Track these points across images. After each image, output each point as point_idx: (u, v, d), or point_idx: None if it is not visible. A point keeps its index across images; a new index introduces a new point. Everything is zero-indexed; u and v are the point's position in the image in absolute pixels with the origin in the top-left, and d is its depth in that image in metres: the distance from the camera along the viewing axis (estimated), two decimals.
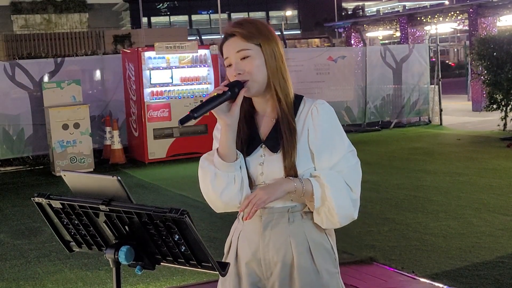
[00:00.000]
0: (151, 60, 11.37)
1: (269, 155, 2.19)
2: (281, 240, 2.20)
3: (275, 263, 2.21)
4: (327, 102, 2.26)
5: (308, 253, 2.19)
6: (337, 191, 2.13)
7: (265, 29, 2.21)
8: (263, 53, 2.17)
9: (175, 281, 5.10)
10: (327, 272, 2.22)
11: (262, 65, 2.17)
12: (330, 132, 2.20)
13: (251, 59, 2.16)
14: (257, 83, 2.17)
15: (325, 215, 2.15)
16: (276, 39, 2.22)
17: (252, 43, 2.16)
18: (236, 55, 2.17)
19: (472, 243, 5.76)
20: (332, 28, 30.27)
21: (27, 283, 5.30)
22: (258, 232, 2.23)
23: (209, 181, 2.18)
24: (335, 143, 2.21)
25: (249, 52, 2.16)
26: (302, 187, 2.12)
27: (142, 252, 1.95)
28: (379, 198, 7.75)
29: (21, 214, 7.83)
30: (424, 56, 15.67)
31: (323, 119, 2.20)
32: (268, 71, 2.17)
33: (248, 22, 2.20)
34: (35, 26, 27.65)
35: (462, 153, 11.11)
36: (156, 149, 11.35)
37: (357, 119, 15.09)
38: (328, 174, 2.14)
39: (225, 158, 2.15)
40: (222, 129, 2.15)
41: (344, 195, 2.15)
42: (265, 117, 2.26)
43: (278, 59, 2.19)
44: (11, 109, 11.42)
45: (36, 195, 2.03)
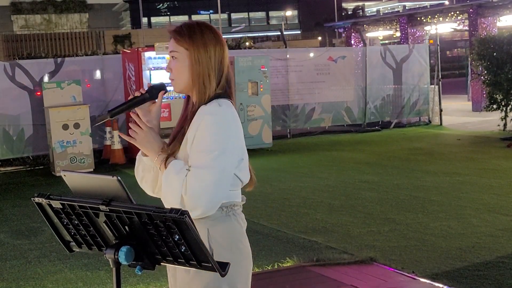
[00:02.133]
0: (151, 60, 11.38)
1: None
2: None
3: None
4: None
5: None
6: (167, 181, 2.23)
7: (197, 34, 2.31)
8: (188, 57, 2.30)
9: None
10: (199, 273, 2.17)
11: (185, 67, 2.31)
12: (201, 131, 2.23)
13: (177, 61, 2.32)
14: (179, 83, 2.34)
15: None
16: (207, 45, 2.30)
17: (181, 46, 2.31)
18: (169, 54, 2.37)
19: (472, 243, 5.75)
20: (332, 28, 30.26)
21: (27, 283, 5.30)
22: None
23: (135, 169, 2.53)
24: (200, 142, 2.22)
25: (176, 54, 2.32)
26: (159, 163, 2.31)
27: (142, 252, 1.96)
28: (379, 198, 7.75)
29: (21, 214, 7.83)
30: (424, 56, 15.68)
31: (195, 124, 2.25)
32: (191, 75, 2.31)
33: (184, 26, 2.34)
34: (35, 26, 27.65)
35: (462, 153, 11.11)
36: None
37: (357, 119, 15.10)
38: (175, 164, 2.24)
39: (143, 153, 2.43)
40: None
41: (173, 188, 2.20)
42: None
43: (203, 65, 2.30)
44: (11, 109, 11.42)
45: (36, 195, 2.03)
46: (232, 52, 13.22)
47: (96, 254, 2.12)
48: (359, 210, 7.24)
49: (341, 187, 8.40)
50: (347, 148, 12.39)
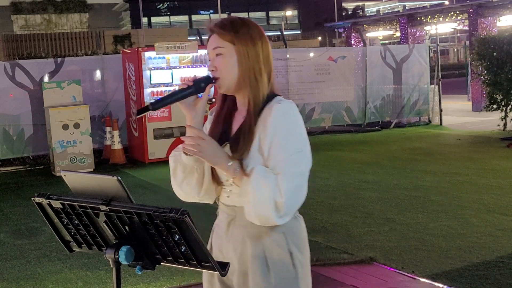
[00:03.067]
0: (151, 60, 11.37)
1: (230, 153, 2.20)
2: (239, 239, 2.22)
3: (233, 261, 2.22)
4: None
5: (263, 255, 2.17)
6: (259, 188, 2.05)
7: (243, 28, 2.21)
8: (236, 52, 2.18)
9: (175, 281, 5.09)
10: (280, 278, 2.17)
11: (233, 63, 2.18)
12: (279, 132, 2.13)
13: (223, 57, 2.19)
14: (226, 81, 2.19)
15: (246, 209, 2.11)
16: (254, 39, 2.21)
17: (226, 41, 2.18)
18: (212, 51, 2.22)
19: (472, 243, 5.75)
20: (332, 28, 30.26)
21: (27, 283, 5.30)
22: (224, 229, 2.29)
23: (172, 170, 2.28)
24: (281, 143, 2.12)
25: (221, 50, 2.19)
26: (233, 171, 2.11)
27: (142, 252, 1.95)
28: (379, 198, 7.75)
29: (21, 214, 7.83)
30: (424, 56, 15.68)
31: (274, 122, 2.13)
32: (240, 71, 2.19)
33: (227, 21, 2.23)
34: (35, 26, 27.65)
35: (462, 153, 11.11)
36: (156, 149, 11.35)
37: (357, 119, 15.10)
38: (260, 170, 2.07)
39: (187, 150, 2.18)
40: (187, 122, 2.21)
41: (266, 195, 2.05)
42: (240, 115, 2.27)
43: (252, 59, 2.19)
44: (11, 109, 11.43)
45: (36, 195, 2.03)
46: None
47: (96, 254, 2.13)
48: (359, 210, 7.24)
49: (341, 187, 8.39)
50: (347, 148, 12.39)
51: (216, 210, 2.44)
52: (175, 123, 11.36)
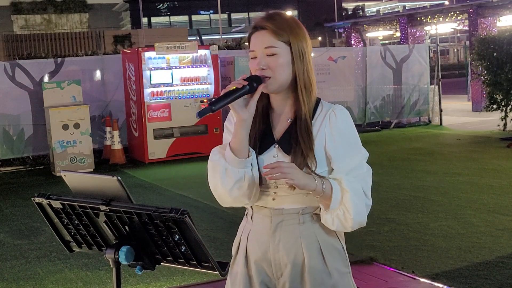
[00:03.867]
0: (151, 60, 11.37)
1: (283, 156, 2.14)
2: (292, 241, 2.17)
3: (285, 264, 2.18)
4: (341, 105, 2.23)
5: (319, 253, 2.17)
6: (356, 197, 2.09)
7: (296, 27, 2.15)
8: (291, 52, 2.12)
9: (175, 281, 5.10)
10: (338, 272, 2.20)
11: (287, 64, 2.12)
12: (348, 137, 2.17)
13: (277, 57, 2.11)
14: (278, 81, 2.12)
15: (337, 218, 2.11)
16: (306, 39, 2.18)
17: (281, 40, 2.11)
18: (263, 50, 2.12)
19: (472, 243, 5.76)
20: (332, 29, 30.27)
21: (27, 283, 5.30)
22: (268, 232, 2.20)
23: (219, 176, 2.13)
24: (353, 149, 2.17)
25: (276, 49, 2.10)
26: (322, 188, 2.07)
27: (142, 252, 1.96)
28: (379, 198, 7.75)
29: (21, 214, 7.83)
30: (424, 56, 15.68)
31: (341, 124, 2.16)
32: (294, 71, 2.13)
33: (280, 17, 2.15)
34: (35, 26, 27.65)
35: (462, 153, 11.12)
36: (156, 149, 11.36)
37: (357, 119, 15.09)
38: (348, 179, 2.10)
39: (237, 154, 2.10)
40: (237, 124, 2.11)
41: (361, 202, 2.12)
42: (282, 116, 2.21)
43: (305, 60, 2.15)
44: (11, 109, 11.43)
45: (36, 195, 2.04)
46: (232, 52, 13.22)
47: (96, 254, 2.14)
48: None
49: None
50: None
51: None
52: (175, 123, 11.36)
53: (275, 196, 2.17)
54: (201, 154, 11.01)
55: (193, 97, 11.47)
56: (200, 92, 11.55)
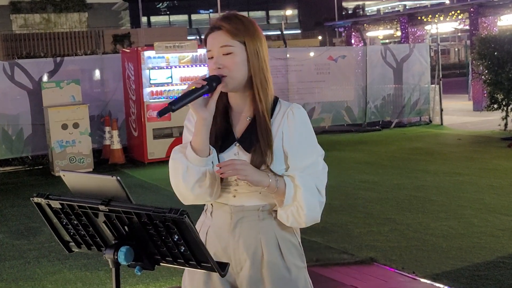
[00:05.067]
0: (151, 59, 11.37)
1: (244, 154, 2.20)
2: (251, 237, 2.23)
3: (244, 259, 2.24)
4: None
5: (277, 249, 2.24)
6: (308, 193, 2.16)
7: (251, 27, 2.21)
8: (246, 51, 2.18)
9: (174, 282, 5.10)
10: (296, 266, 2.27)
11: (243, 62, 2.17)
12: (305, 135, 2.23)
13: (233, 56, 2.17)
14: (235, 80, 2.18)
15: (291, 214, 2.17)
16: (261, 38, 2.23)
17: (236, 40, 2.17)
18: (219, 49, 2.18)
19: (473, 243, 5.76)
20: (333, 28, 30.27)
21: (26, 284, 5.30)
22: (228, 229, 2.26)
23: (181, 174, 2.19)
24: (309, 147, 2.24)
25: (232, 48, 2.16)
26: (275, 184, 2.14)
27: (142, 253, 1.95)
28: (379, 198, 7.75)
29: (20, 214, 7.83)
30: (425, 55, 15.68)
31: (298, 123, 2.22)
32: (250, 70, 2.19)
33: (236, 18, 2.21)
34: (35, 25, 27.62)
35: (463, 153, 11.11)
36: (155, 149, 11.35)
37: (358, 119, 15.09)
38: (301, 176, 2.17)
39: (199, 152, 2.16)
40: (197, 123, 2.17)
41: (314, 198, 2.18)
42: (241, 115, 2.26)
43: (261, 59, 2.20)
44: (10, 109, 11.42)
45: (35, 195, 2.02)
46: None
47: (95, 254, 2.11)
48: (359, 210, 7.23)
49: (341, 187, 8.39)
50: (347, 148, 12.39)
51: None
52: (174, 123, 11.35)
53: (235, 193, 2.22)
54: None
55: None
56: None
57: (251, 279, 2.24)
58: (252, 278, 2.24)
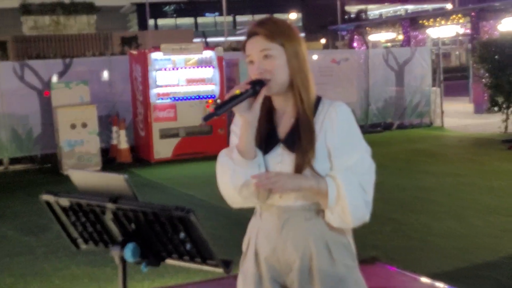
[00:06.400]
0: (158, 61, 11.43)
1: (288, 154, 2.19)
2: (299, 237, 2.22)
3: (293, 260, 2.23)
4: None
5: (326, 248, 2.22)
6: (351, 192, 2.13)
7: (288, 29, 2.22)
8: (285, 53, 2.18)
9: (180, 279, 5.13)
10: (345, 266, 2.24)
11: (284, 65, 2.17)
12: (348, 133, 2.21)
13: (273, 59, 2.16)
14: (278, 83, 2.18)
15: (338, 215, 2.16)
16: (299, 39, 2.24)
17: (275, 42, 2.17)
18: (258, 54, 2.18)
19: (474, 244, 5.80)
20: (336, 31, 30.22)
21: (35, 279, 5.36)
22: (277, 230, 2.25)
23: (228, 177, 2.19)
24: (353, 144, 2.21)
25: (271, 51, 2.16)
26: (317, 185, 2.13)
27: (148, 250, 1.96)
28: (381, 198, 7.75)
29: (29, 212, 7.88)
30: (426, 59, 15.66)
31: (341, 120, 2.20)
32: (291, 71, 2.19)
33: (271, 22, 2.22)
34: (44, 27, 27.62)
35: (464, 154, 11.13)
36: (162, 148, 11.43)
37: (360, 120, 15.08)
38: (343, 175, 2.15)
39: (245, 155, 2.16)
40: (243, 127, 2.17)
41: (358, 197, 2.15)
42: (285, 116, 2.26)
43: (300, 60, 2.21)
44: (20, 109, 11.51)
45: (44, 193, 2.05)
46: (237, 54, 13.28)
47: (102, 251, 2.12)
48: None
49: None
50: None
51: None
52: (180, 124, 11.44)
53: (281, 194, 2.20)
54: (205, 154, 11.08)
55: (199, 97, 11.54)
56: (205, 93, 11.62)
57: (301, 280, 2.21)
58: (302, 278, 2.21)
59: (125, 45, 21.11)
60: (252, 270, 2.32)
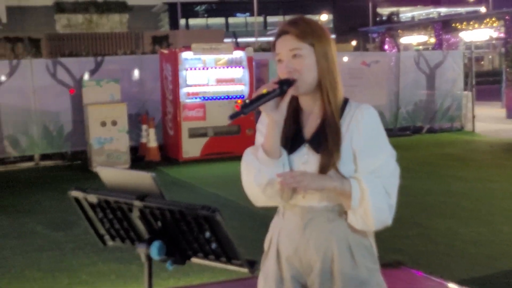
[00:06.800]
0: (188, 61, 11.50)
1: (313, 155, 2.19)
2: (322, 238, 2.22)
3: (315, 261, 2.23)
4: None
5: (348, 250, 2.22)
6: (375, 195, 2.13)
7: (319, 29, 2.22)
8: (315, 53, 2.18)
9: (205, 277, 5.15)
10: (367, 269, 2.24)
11: (312, 65, 2.18)
12: (374, 135, 2.21)
13: (302, 59, 2.17)
14: (306, 83, 2.18)
15: (360, 217, 2.16)
16: (329, 40, 2.24)
17: (305, 42, 2.17)
18: (288, 53, 2.18)
19: (502, 251, 5.73)
20: (366, 33, 30.06)
21: (62, 274, 5.43)
22: (299, 230, 2.25)
23: (253, 176, 2.19)
24: (378, 147, 2.21)
25: (301, 51, 2.17)
26: (341, 186, 2.13)
27: (174, 248, 1.98)
28: (408, 202, 7.72)
29: (58, 207, 7.99)
30: (458, 62, 15.53)
31: (368, 123, 2.21)
32: (319, 72, 2.19)
33: (303, 21, 2.22)
34: (77, 25, 27.95)
35: (494, 160, 11.00)
36: (190, 148, 11.50)
37: (389, 123, 15.03)
38: (368, 178, 2.14)
39: (270, 154, 2.17)
40: (269, 126, 2.17)
41: (382, 200, 2.14)
42: (311, 116, 2.26)
43: (330, 61, 2.21)
44: (52, 106, 11.69)
45: (73, 189, 2.08)
46: (267, 54, 13.30)
47: (128, 248, 2.13)
48: None
49: None
50: None
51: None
52: (209, 123, 11.50)
53: (304, 194, 2.20)
54: (233, 154, 11.10)
55: (228, 97, 11.58)
56: (235, 93, 11.65)
57: (322, 281, 2.22)
58: (323, 279, 2.22)
59: (156, 44, 21.26)
60: (274, 269, 2.32)
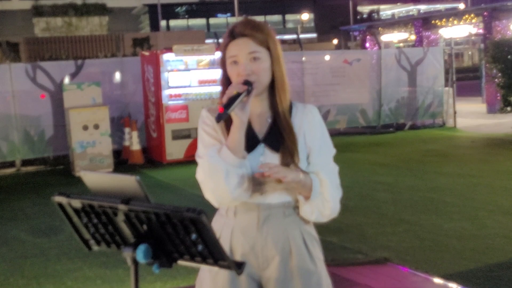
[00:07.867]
0: (169, 62, 11.47)
1: (271, 153, 2.25)
2: (279, 233, 2.28)
3: (272, 256, 2.28)
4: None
5: (303, 244, 2.31)
6: (332, 187, 2.31)
7: (272, 33, 2.30)
8: (270, 57, 2.27)
9: (192, 280, 5.08)
10: (319, 259, 2.36)
11: (268, 68, 2.26)
12: (324, 134, 2.37)
13: (260, 62, 2.24)
14: (262, 84, 2.25)
15: (317, 208, 2.28)
16: (279, 43, 2.33)
17: (262, 46, 2.25)
18: (246, 55, 2.24)
19: (486, 245, 5.77)
20: (348, 32, 30.19)
21: (47, 281, 5.39)
22: (256, 227, 2.28)
23: (222, 177, 2.18)
24: (327, 145, 2.36)
25: (259, 54, 2.24)
26: (305, 179, 2.23)
27: (160, 251, 1.96)
28: (393, 199, 7.79)
29: (41, 213, 7.94)
30: (439, 59, 15.66)
31: (319, 122, 2.35)
32: (274, 74, 2.28)
33: (259, 25, 2.28)
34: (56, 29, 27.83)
35: (476, 155, 11.09)
36: (174, 150, 11.47)
37: (372, 121, 15.12)
38: (325, 172, 2.30)
39: (237, 155, 2.19)
40: (235, 127, 2.19)
41: (336, 191, 2.34)
42: (260, 117, 2.32)
43: (281, 63, 2.30)
44: (32, 111, 11.59)
45: (57, 195, 2.03)
46: None
47: (114, 252, 2.11)
48: (373, 210, 7.28)
49: (356, 188, 8.44)
50: (362, 150, 12.42)
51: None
52: (192, 125, 11.47)
53: (262, 191, 2.26)
54: None
55: (210, 98, 11.57)
56: (217, 94, 11.51)
57: (279, 275, 2.27)
58: (280, 273, 2.27)
59: (137, 46, 21.19)
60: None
